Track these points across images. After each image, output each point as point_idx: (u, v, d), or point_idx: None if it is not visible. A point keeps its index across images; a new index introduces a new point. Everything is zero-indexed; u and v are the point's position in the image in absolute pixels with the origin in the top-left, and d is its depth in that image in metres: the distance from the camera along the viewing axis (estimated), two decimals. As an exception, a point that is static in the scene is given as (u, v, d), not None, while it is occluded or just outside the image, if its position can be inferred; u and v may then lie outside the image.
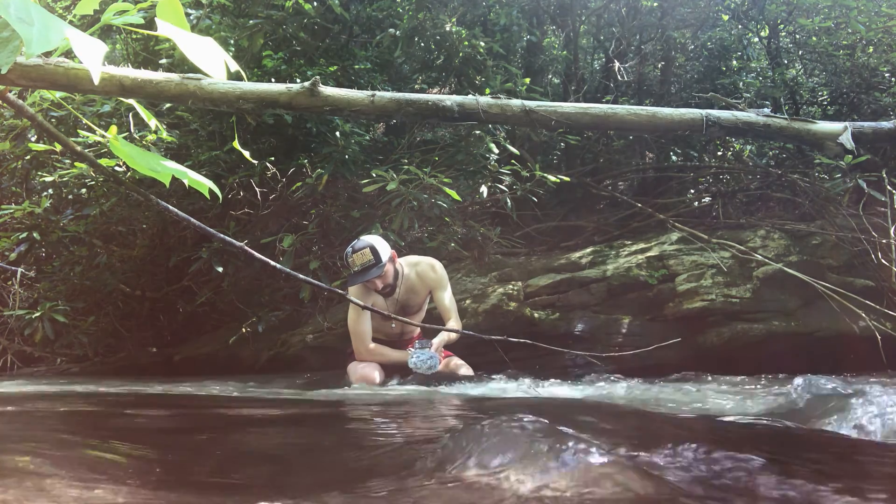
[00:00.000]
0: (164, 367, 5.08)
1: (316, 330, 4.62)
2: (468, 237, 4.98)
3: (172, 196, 4.53)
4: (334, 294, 3.37)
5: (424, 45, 5.53)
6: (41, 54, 1.49)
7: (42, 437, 1.40)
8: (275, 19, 4.63)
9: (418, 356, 3.28)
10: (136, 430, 1.67)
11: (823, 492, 1.00)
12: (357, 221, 4.64)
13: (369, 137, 5.02)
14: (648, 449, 1.13)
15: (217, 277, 4.72)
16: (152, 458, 1.28)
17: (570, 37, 6.75)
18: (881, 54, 5.37)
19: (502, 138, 5.19)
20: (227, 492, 1.07)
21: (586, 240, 5.56)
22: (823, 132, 2.60)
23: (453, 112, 2.27)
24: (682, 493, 0.98)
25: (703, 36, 6.71)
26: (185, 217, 1.58)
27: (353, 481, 1.12)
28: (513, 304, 4.43)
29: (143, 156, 1.43)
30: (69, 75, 1.73)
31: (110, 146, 1.47)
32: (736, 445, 1.33)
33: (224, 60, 1.26)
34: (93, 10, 1.39)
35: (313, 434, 1.71)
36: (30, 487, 0.92)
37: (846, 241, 4.67)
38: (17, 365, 5.34)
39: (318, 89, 2.05)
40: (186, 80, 1.90)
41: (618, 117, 2.47)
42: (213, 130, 4.67)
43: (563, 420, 1.28)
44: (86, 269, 4.88)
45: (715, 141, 6.51)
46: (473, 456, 1.10)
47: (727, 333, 4.32)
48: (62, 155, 4.43)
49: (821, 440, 1.53)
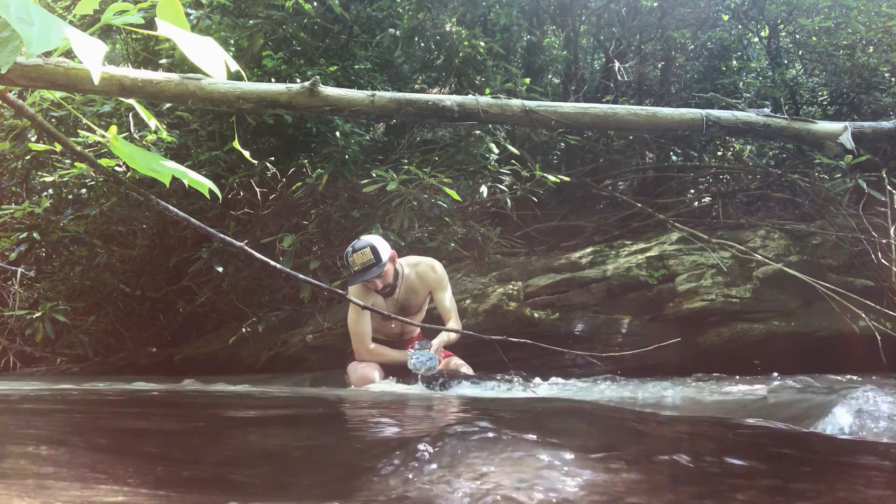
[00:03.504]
0: (164, 367, 5.08)
1: (316, 330, 4.62)
2: (468, 237, 4.98)
3: (172, 196, 4.53)
4: (334, 294, 3.37)
5: (424, 45, 5.53)
6: (41, 54, 1.49)
7: (42, 437, 1.40)
8: (275, 19, 4.63)
9: (418, 357, 3.27)
10: (136, 430, 1.67)
11: (822, 492, 1.00)
12: (357, 221, 4.64)
13: (369, 137, 5.02)
14: (625, 451, 1.14)
15: (217, 277, 4.72)
16: (152, 458, 1.28)
17: (570, 37, 6.75)
18: (881, 54, 5.36)
19: (502, 138, 5.19)
20: (227, 492, 1.07)
21: (586, 240, 5.56)
22: (823, 132, 2.60)
23: (453, 112, 2.28)
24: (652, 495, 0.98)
25: (703, 36, 6.71)
26: (185, 217, 1.58)
27: (352, 481, 1.12)
28: (513, 304, 4.43)
29: (143, 156, 1.43)
30: (69, 75, 1.73)
31: (110, 146, 1.47)
32: (731, 446, 1.34)
33: (224, 60, 1.26)
34: (93, 10, 1.39)
35: (313, 434, 1.71)
36: (30, 487, 0.92)
37: (846, 241, 4.66)
38: (19, 365, 5.34)
39: (318, 89, 2.05)
40: (186, 80, 1.90)
41: (618, 117, 2.48)
42: (213, 130, 4.68)
43: (549, 423, 1.29)
44: (86, 269, 4.88)
45: (715, 141, 6.51)
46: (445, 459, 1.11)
47: (727, 333, 4.32)
48: (62, 155, 4.43)
49: (821, 441, 1.53)
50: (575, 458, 1.11)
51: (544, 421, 1.78)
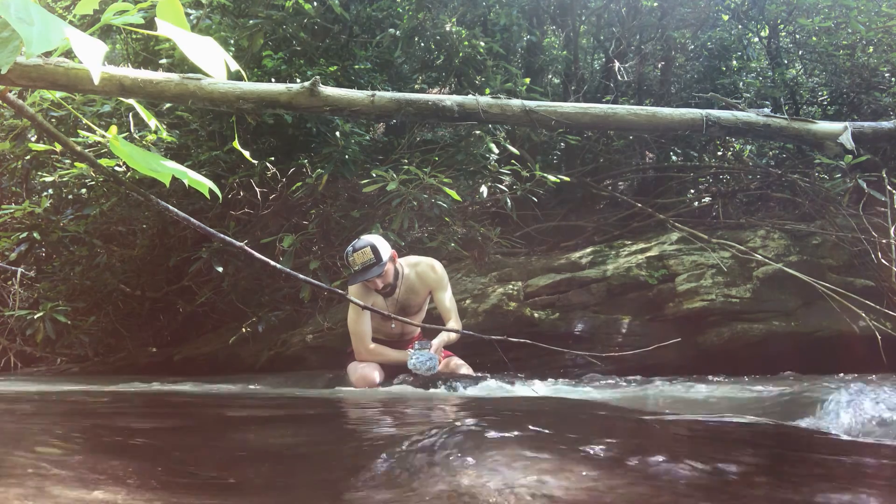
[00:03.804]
0: (164, 367, 5.09)
1: (316, 330, 4.62)
2: (468, 237, 4.98)
3: (172, 196, 4.53)
4: (334, 294, 3.37)
5: (424, 45, 5.53)
6: (41, 54, 1.49)
7: (42, 437, 1.40)
8: (275, 19, 4.63)
9: (418, 357, 3.27)
10: (137, 430, 1.67)
11: (819, 493, 1.00)
12: (357, 221, 4.64)
13: (369, 137, 5.01)
14: (624, 451, 1.14)
15: (217, 277, 4.72)
16: (152, 457, 1.28)
17: (570, 37, 6.76)
18: (881, 54, 5.36)
19: (502, 138, 5.19)
20: (227, 492, 1.07)
21: (586, 240, 5.56)
22: (823, 132, 2.60)
23: (453, 112, 2.28)
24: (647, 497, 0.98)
25: (703, 36, 6.71)
26: (185, 217, 1.58)
27: (352, 481, 1.12)
28: (513, 304, 4.43)
29: (143, 156, 1.43)
30: (69, 75, 1.73)
31: (110, 146, 1.47)
32: (730, 446, 1.34)
33: (224, 60, 1.26)
34: (93, 10, 1.39)
35: (313, 434, 1.71)
36: (30, 487, 0.92)
37: (846, 241, 4.66)
38: (19, 365, 5.34)
39: (318, 89, 2.05)
40: (186, 80, 1.90)
41: (618, 117, 2.48)
42: (213, 130, 4.68)
43: (549, 423, 1.29)
44: (86, 269, 4.88)
45: (715, 141, 6.52)
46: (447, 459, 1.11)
47: (727, 333, 4.32)
48: (62, 155, 4.43)
49: (820, 441, 1.53)
50: (575, 458, 1.11)
51: (544, 421, 1.78)
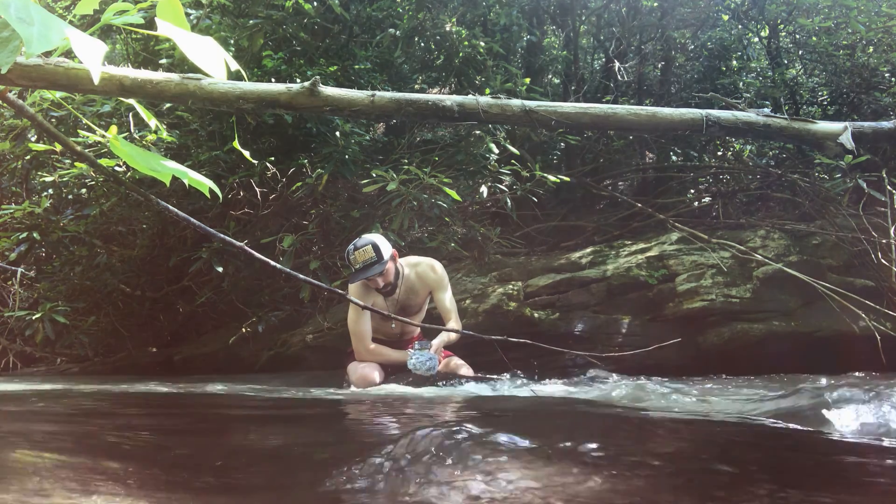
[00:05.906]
0: (164, 367, 5.09)
1: (316, 330, 4.62)
2: (468, 237, 4.97)
3: (172, 196, 4.53)
4: (334, 294, 3.37)
5: (424, 45, 5.53)
6: (41, 54, 1.49)
7: (42, 437, 1.40)
8: (275, 19, 4.63)
9: (417, 357, 3.27)
10: (136, 430, 1.67)
11: (820, 493, 1.00)
12: (357, 221, 4.63)
13: (369, 137, 5.01)
14: (623, 451, 1.13)
15: (217, 277, 4.72)
16: (152, 458, 1.28)
17: (570, 37, 6.76)
18: (881, 54, 5.36)
19: (502, 138, 5.18)
20: (227, 492, 1.07)
21: (586, 240, 5.56)
22: (823, 132, 2.59)
23: (453, 112, 2.27)
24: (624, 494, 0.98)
25: (703, 36, 6.71)
26: (185, 217, 1.58)
27: (351, 481, 1.12)
28: (513, 304, 4.43)
29: (143, 156, 1.42)
30: (69, 75, 1.73)
31: (110, 146, 1.47)
32: (729, 446, 1.34)
33: (224, 60, 1.26)
34: (93, 10, 1.38)
35: (313, 434, 1.71)
36: (30, 487, 0.92)
37: (846, 241, 4.66)
38: (19, 365, 5.34)
39: (318, 89, 2.05)
40: (186, 80, 1.90)
41: (618, 117, 2.47)
42: (213, 130, 4.67)
43: (549, 423, 1.29)
44: (86, 269, 4.88)
45: (715, 141, 6.52)
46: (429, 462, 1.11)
47: (727, 333, 4.31)
48: (62, 155, 4.43)
49: (820, 441, 1.53)
50: (575, 459, 1.11)
51: (544, 421, 1.78)
